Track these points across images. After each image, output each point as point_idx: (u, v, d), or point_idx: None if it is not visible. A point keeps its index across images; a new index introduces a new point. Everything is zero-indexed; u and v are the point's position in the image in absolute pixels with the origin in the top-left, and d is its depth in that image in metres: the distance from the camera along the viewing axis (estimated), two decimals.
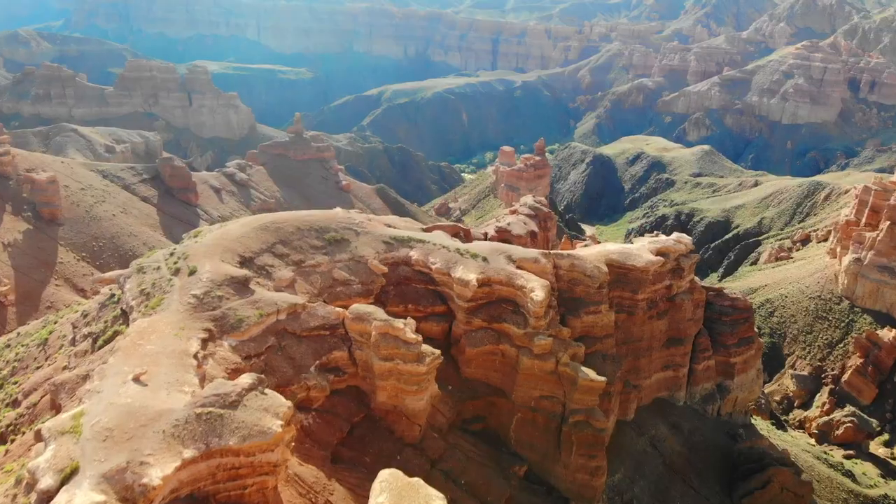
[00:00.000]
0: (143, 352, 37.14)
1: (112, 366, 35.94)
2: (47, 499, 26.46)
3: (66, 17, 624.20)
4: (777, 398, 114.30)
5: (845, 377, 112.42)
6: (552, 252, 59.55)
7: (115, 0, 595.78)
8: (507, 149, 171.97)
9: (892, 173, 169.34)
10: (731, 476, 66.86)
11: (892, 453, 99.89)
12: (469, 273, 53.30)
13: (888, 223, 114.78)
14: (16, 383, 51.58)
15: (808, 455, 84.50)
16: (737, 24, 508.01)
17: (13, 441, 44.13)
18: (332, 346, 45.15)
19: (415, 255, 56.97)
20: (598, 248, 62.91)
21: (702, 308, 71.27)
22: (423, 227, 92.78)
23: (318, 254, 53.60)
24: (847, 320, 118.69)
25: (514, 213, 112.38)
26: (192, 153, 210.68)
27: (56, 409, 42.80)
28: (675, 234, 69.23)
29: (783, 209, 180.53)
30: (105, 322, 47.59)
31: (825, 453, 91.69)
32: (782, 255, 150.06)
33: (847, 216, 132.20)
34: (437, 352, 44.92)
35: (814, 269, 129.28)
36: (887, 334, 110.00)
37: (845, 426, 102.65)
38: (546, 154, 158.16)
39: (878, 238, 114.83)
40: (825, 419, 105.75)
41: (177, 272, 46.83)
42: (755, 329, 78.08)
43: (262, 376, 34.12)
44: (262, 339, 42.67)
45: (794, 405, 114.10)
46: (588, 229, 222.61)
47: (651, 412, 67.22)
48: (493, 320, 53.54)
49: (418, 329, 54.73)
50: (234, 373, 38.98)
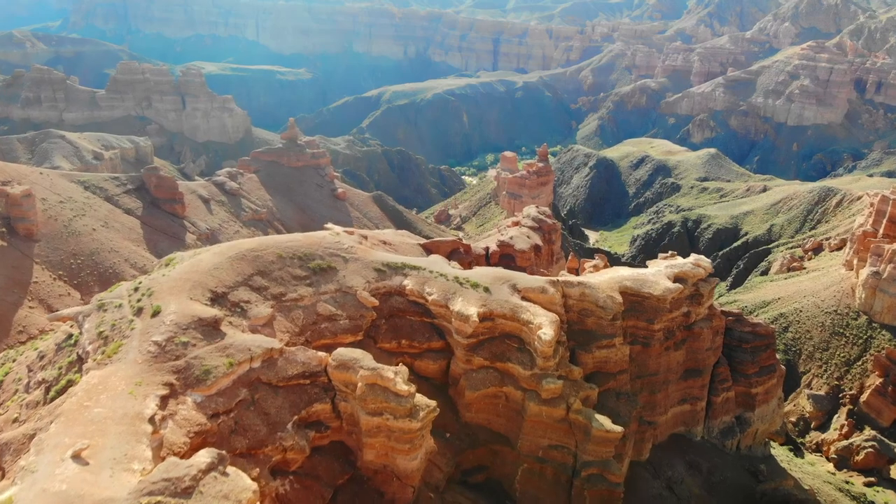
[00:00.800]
0: (89, 417, 31.88)
1: (52, 435, 30.72)
2: None
3: (64, 17, 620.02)
4: (793, 419, 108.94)
5: (864, 397, 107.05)
6: (560, 279, 54.22)
7: (113, 0, 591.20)
8: (508, 154, 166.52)
9: None
10: None
11: None
12: (469, 306, 48.00)
13: None
14: None
15: (831, 487, 79.22)
16: (740, 23, 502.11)
17: None
18: (313, 398, 39.83)
19: (409, 284, 51.65)
20: (610, 274, 57.61)
21: (721, 335, 65.93)
22: (421, 243, 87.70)
23: (302, 285, 48.29)
24: (865, 336, 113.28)
25: (516, 224, 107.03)
26: (185, 158, 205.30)
27: (0, 471, 37.63)
28: (692, 257, 63.88)
29: (793, 216, 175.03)
30: (59, 368, 42.32)
31: (847, 482, 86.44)
32: (794, 265, 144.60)
33: (863, 226, 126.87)
34: (433, 404, 39.61)
35: (829, 281, 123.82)
36: None
37: (866, 451, 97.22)
38: (549, 157, 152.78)
39: None
40: (844, 443, 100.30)
41: (139, 312, 41.55)
42: (776, 355, 72.65)
43: (223, 453, 28.81)
44: (232, 392, 37.35)
45: (811, 426, 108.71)
46: (592, 235, 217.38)
47: (667, 450, 61.89)
48: (497, 359, 48.25)
49: (413, 367, 49.52)
50: (198, 436, 33.70)
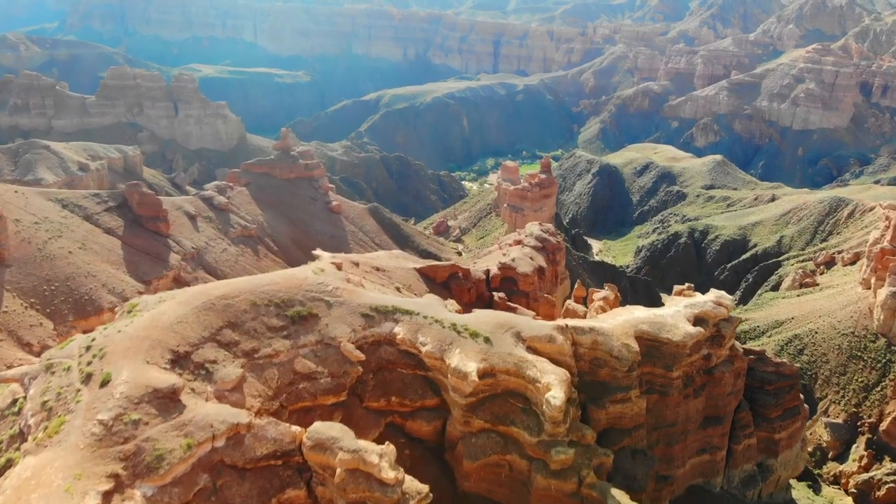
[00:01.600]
0: None
1: None
2: None
3: (62, 19, 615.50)
4: (809, 449, 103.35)
5: (884, 426, 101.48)
6: (570, 325, 48.76)
7: (111, 1, 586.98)
8: (509, 164, 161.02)
9: None
10: None
11: None
12: (468, 361, 42.54)
13: None
14: None
15: None
16: (743, 25, 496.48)
17: None
18: (286, 482, 34.39)
19: (401, 332, 46.19)
20: (624, 317, 52.15)
21: (743, 377, 60.45)
22: (418, 267, 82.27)
23: (278, 338, 42.83)
24: (884, 360, 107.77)
25: (518, 243, 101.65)
26: (177, 166, 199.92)
27: None
28: (713, 294, 58.43)
29: (803, 227, 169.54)
30: (0, 442, 36.86)
31: None
32: (807, 280, 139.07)
33: (879, 241, 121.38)
34: (424, 490, 34.12)
35: (846, 301, 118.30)
36: None
37: (888, 486, 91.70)
38: (550, 160, 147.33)
39: None
40: (864, 477, 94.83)
41: (88, 379, 36.11)
42: (801, 396, 67.18)
43: None
44: (189, 480, 31.92)
45: (829, 457, 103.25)
46: (595, 244, 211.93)
47: None
48: (499, 421, 42.81)
49: (404, 428, 44.10)
50: None
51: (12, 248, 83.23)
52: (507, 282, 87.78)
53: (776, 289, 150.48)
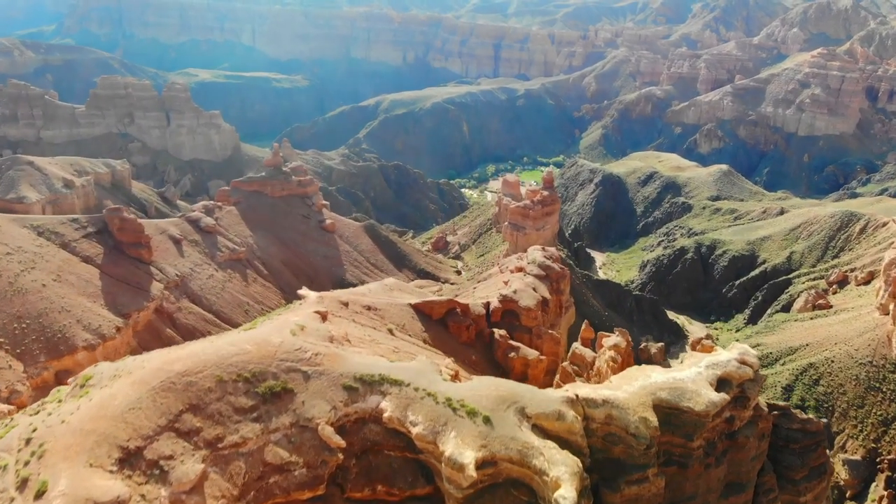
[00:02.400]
0: None
1: None
2: None
3: (59, 22, 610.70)
4: None
5: None
6: (581, 396, 43.41)
7: (108, 5, 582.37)
8: (510, 178, 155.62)
9: None
10: None
11: None
12: (464, 449, 37.23)
13: None
14: None
15: None
16: (747, 28, 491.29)
17: None
18: None
19: (388, 408, 40.85)
20: (640, 383, 46.81)
21: (767, 438, 55.01)
22: (414, 303, 76.91)
23: (246, 421, 37.52)
24: None
25: (519, 270, 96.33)
26: (169, 177, 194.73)
27: None
28: (737, 351, 53.00)
29: (814, 242, 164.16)
30: None
31: None
32: (820, 302, 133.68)
33: (895, 264, 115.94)
34: None
35: (862, 327, 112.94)
36: None
37: None
38: (553, 176, 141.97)
39: None
40: None
41: (24, 484, 30.92)
42: (827, 452, 61.74)
43: None
44: None
45: (847, 496, 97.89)
46: (598, 257, 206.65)
47: None
48: None
49: None
50: None
51: None
52: (508, 315, 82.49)
53: (787, 309, 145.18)
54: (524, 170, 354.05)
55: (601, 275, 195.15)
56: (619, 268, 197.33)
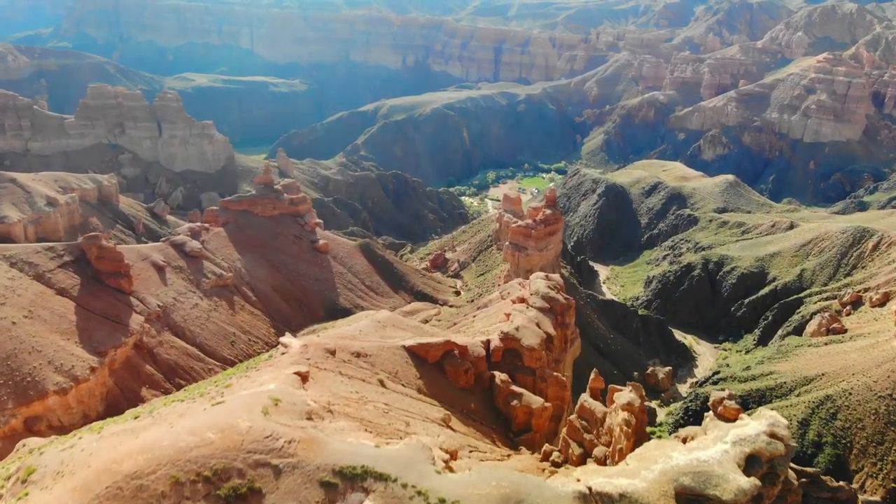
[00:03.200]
0: None
1: None
2: None
3: (57, 24, 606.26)
4: None
5: None
6: (594, 490, 38.05)
7: (106, 7, 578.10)
8: (511, 194, 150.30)
9: None
10: None
11: None
12: None
13: None
14: None
15: None
16: (750, 32, 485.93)
17: None
18: None
19: None
20: (660, 467, 41.43)
21: None
22: (408, 345, 71.50)
23: None
24: None
25: (522, 301, 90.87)
26: (160, 190, 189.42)
27: None
28: (765, 422, 47.45)
29: (825, 259, 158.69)
30: None
31: None
32: (835, 326, 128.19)
33: None
34: None
35: (881, 356, 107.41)
36: None
37: None
38: (556, 193, 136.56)
39: None
40: None
41: None
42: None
43: None
44: None
45: None
46: (602, 271, 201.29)
47: None
48: None
49: None
50: None
51: None
52: (510, 355, 77.04)
53: (799, 330, 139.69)
54: (525, 176, 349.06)
55: (605, 289, 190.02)
56: (623, 282, 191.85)
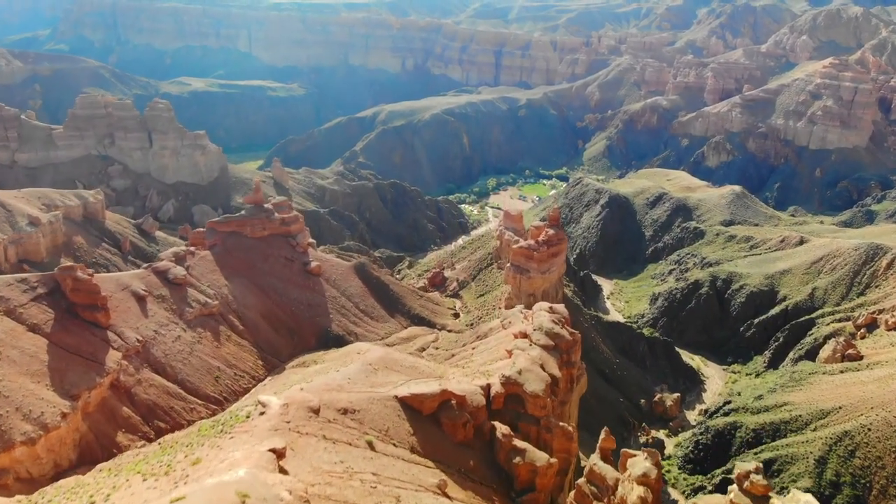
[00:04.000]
0: None
1: None
2: None
3: (54, 27, 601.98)
4: None
5: None
6: None
7: (103, 10, 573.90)
8: (512, 212, 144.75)
9: None
10: None
11: None
12: None
13: None
14: None
15: None
16: (754, 35, 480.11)
17: None
18: None
19: None
20: None
21: None
22: (401, 395, 65.99)
23: None
24: None
25: (524, 336, 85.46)
26: (151, 202, 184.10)
27: None
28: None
29: (838, 277, 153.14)
30: None
31: None
32: (850, 352, 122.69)
33: None
34: None
35: None
36: None
37: None
38: (559, 214, 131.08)
39: None
40: None
41: None
42: None
43: None
44: None
45: None
46: (606, 285, 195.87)
47: None
48: None
49: None
50: None
51: None
52: (512, 400, 71.64)
53: (812, 354, 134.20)
54: (526, 183, 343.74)
55: (609, 305, 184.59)
56: (627, 298, 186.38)
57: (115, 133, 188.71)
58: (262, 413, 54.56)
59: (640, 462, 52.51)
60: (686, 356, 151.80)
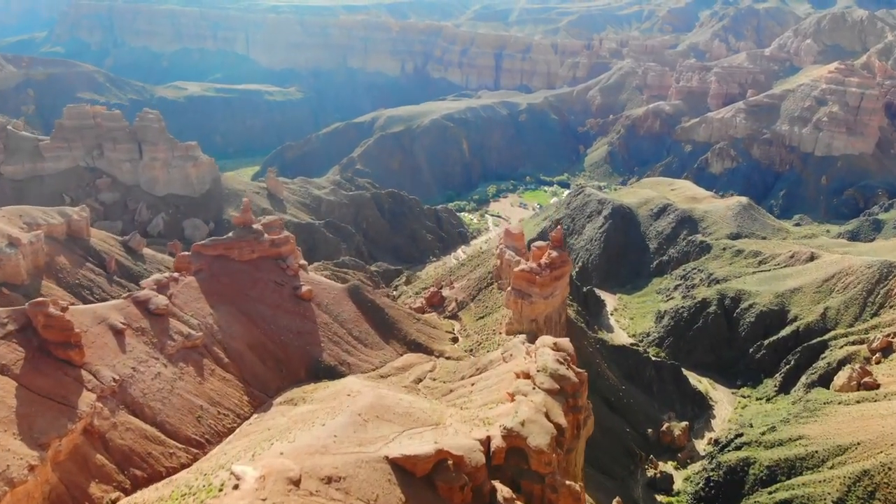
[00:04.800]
0: None
1: None
2: None
3: (50, 29, 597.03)
4: None
5: None
6: None
7: (100, 12, 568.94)
8: (513, 230, 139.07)
9: None
10: None
11: None
12: None
13: None
14: None
15: None
16: (757, 38, 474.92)
17: None
18: None
19: None
20: None
21: None
22: (393, 457, 60.47)
23: None
24: None
25: (526, 377, 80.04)
26: (141, 216, 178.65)
27: None
28: None
29: (850, 297, 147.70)
30: None
31: None
32: (866, 380, 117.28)
33: None
34: None
35: None
36: None
37: None
38: (562, 233, 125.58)
39: None
40: None
41: None
42: None
43: None
44: None
45: None
46: (609, 300, 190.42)
47: None
48: None
49: None
50: None
51: None
52: (514, 454, 66.17)
53: (825, 379, 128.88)
54: (527, 189, 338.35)
55: (612, 322, 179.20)
56: (632, 314, 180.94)
57: (104, 144, 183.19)
58: (235, 486, 49.18)
59: None
60: (693, 378, 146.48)
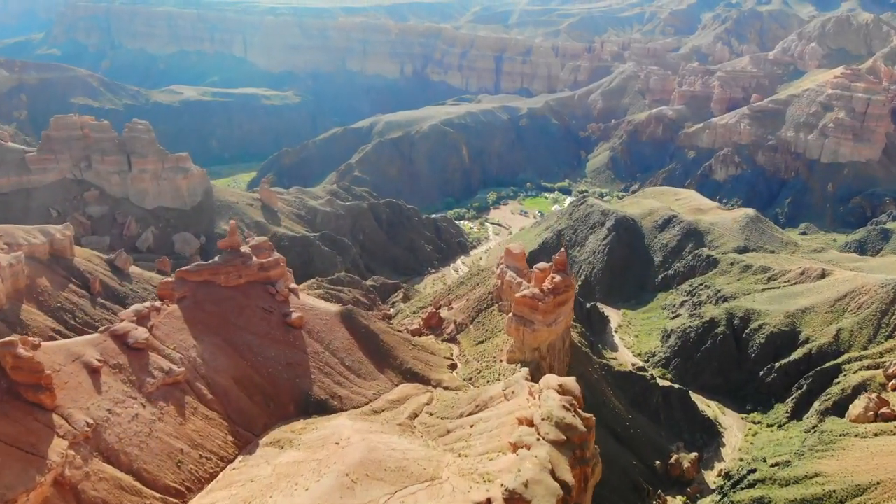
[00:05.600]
0: None
1: None
2: None
3: (47, 30, 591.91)
4: None
5: None
6: None
7: (97, 14, 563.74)
8: (514, 249, 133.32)
9: None
10: None
11: None
12: None
13: None
14: None
15: None
16: (760, 41, 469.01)
17: None
18: None
19: None
20: None
21: None
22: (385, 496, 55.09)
23: None
24: None
25: (529, 423, 74.54)
26: (129, 230, 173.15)
27: None
28: None
29: (864, 317, 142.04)
30: None
31: None
32: (884, 410, 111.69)
33: None
34: None
35: None
36: None
37: None
38: (566, 257, 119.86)
39: None
40: None
41: None
42: None
43: None
44: None
45: None
46: (613, 316, 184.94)
47: None
48: None
49: None
50: None
51: None
52: None
53: (839, 407, 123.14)
54: (527, 196, 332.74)
55: (617, 340, 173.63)
56: (637, 331, 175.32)
57: (92, 156, 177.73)
58: None
59: None
60: (701, 402, 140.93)
